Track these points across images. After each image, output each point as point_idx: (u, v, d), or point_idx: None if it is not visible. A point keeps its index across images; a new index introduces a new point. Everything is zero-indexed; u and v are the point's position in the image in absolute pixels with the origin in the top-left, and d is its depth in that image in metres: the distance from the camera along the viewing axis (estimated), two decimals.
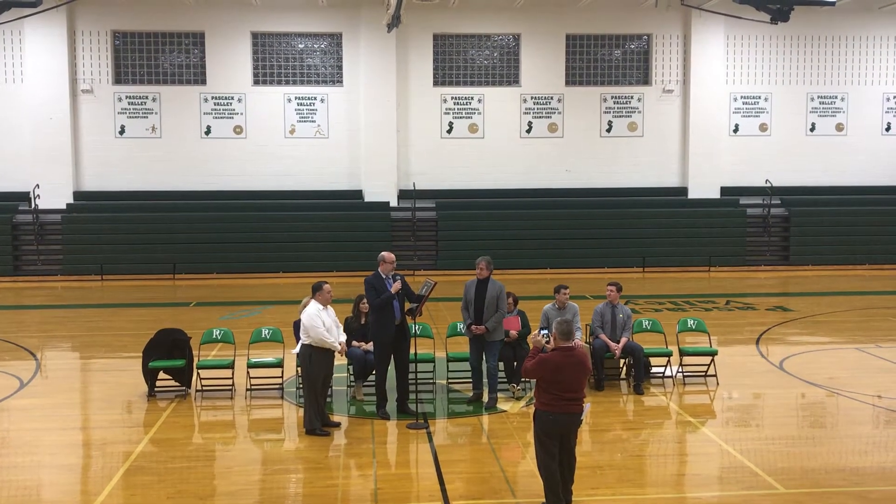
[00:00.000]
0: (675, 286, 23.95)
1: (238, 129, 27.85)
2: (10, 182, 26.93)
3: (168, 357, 12.16)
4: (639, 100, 28.86)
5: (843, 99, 29.42)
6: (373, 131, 27.74)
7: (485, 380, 11.59)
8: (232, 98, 27.77)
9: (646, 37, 28.89)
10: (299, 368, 10.99)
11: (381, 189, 27.81)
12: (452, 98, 28.41)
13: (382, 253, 11.06)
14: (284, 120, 27.95)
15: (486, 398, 11.52)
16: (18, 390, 12.62)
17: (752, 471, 9.00)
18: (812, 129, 29.46)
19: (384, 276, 10.88)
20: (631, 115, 28.88)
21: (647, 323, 13.47)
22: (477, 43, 28.62)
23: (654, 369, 12.90)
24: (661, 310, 19.31)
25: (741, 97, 29.13)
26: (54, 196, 26.69)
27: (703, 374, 12.78)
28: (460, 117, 28.49)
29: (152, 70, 27.70)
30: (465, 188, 28.22)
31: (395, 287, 10.74)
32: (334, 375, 10.92)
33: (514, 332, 11.87)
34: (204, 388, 12.11)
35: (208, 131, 27.78)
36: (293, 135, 27.99)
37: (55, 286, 25.26)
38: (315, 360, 10.21)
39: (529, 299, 14.55)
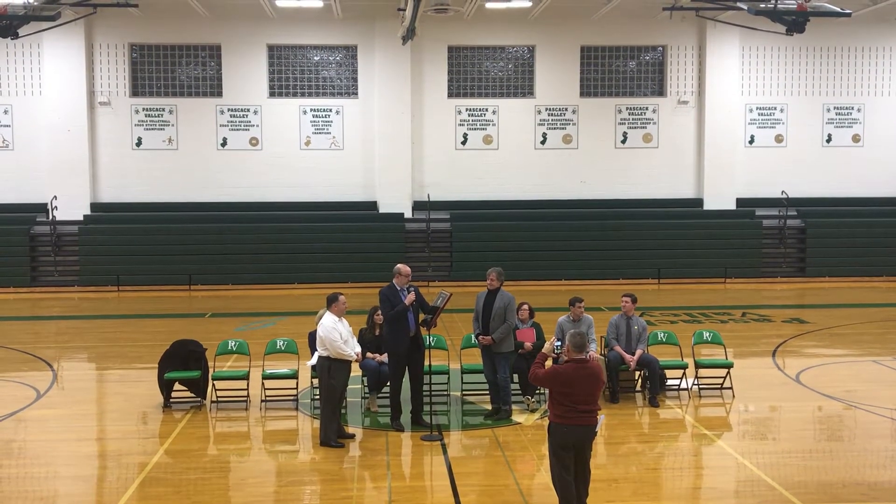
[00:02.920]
0: (690, 298, 23.86)
1: (254, 141, 27.98)
2: (28, 193, 27.12)
3: (184, 368, 12.20)
4: (654, 111, 28.82)
5: (859, 110, 29.28)
6: (387, 143, 27.81)
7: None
8: (248, 110, 27.91)
9: (660, 48, 28.87)
10: (316, 380, 11.00)
11: (395, 200, 27.85)
12: (467, 109, 28.45)
13: (398, 265, 11.08)
14: (300, 132, 28.06)
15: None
16: (35, 401, 12.69)
17: (768, 484, 8.95)
18: (828, 141, 29.32)
19: (399, 288, 10.90)
20: (646, 126, 28.84)
21: (662, 335, 13.42)
22: (491, 54, 28.67)
23: (669, 382, 12.85)
24: (676, 322, 19.24)
25: (756, 108, 29.04)
26: (71, 207, 26.85)
27: (719, 386, 12.72)
28: (475, 129, 28.52)
29: (169, 82, 27.89)
30: (480, 199, 28.22)
31: (409, 299, 10.75)
32: (349, 387, 10.93)
33: (528, 344, 11.87)
34: (219, 399, 12.15)
35: (224, 143, 27.93)
36: (308, 146, 28.09)
37: (72, 297, 25.40)
38: (334, 371, 10.24)
39: (544, 311, 14.52)
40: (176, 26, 27.38)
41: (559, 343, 7.98)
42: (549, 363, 8.11)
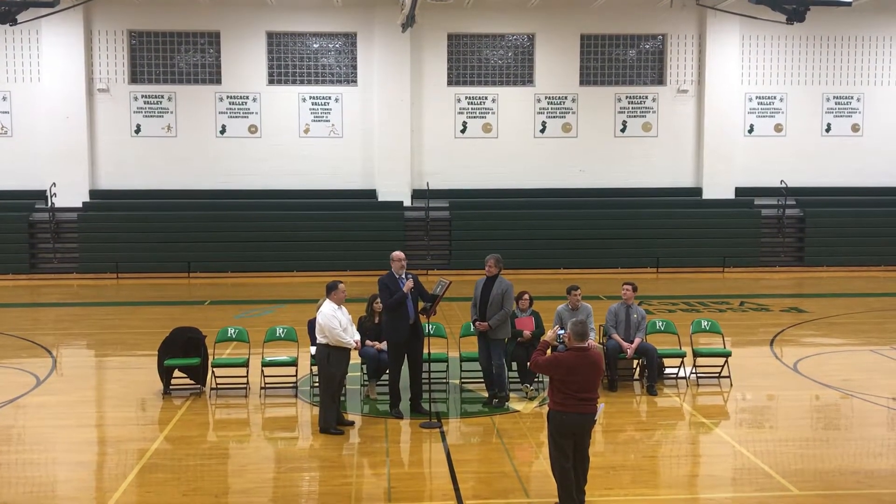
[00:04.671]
0: (688, 287, 23.88)
1: (253, 129, 27.95)
2: (27, 180, 27.10)
3: (183, 355, 12.22)
4: (653, 100, 28.79)
5: (858, 99, 29.26)
6: (387, 131, 27.79)
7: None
8: (247, 97, 27.87)
9: (660, 37, 28.81)
10: (315, 368, 11.02)
11: (394, 188, 27.84)
12: (466, 98, 28.42)
13: (392, 253, 11.10)
14: (299, 119, 28.03)
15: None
16: (35, 387, 12.72)
17: (765, 472, 8.99)
18: (827, 130, 29.31)
19: (398, 276, 10.92)
20: (645, 115, 28.81)
21: (660, 324, 13.45)
22: (491, 43, 28.61)
23: (667, 370, 12.88)
24: (674, 310, 19.27)
25: (756, 97, 29.02)
26: (70, 194, 26.83)
27: (717, 375, 12.75)
28: (474, 117, 28.49)
29: (168, 69, 27.83)
30: (479, 188, 28.21)
31: (407, 286, 10.77)
32: (348, 374, 10.96)
33: (527, 333, 11.89)
34: (219, 386, 12.17)
35: (223, 130, 27.90)
36: (307, 134, 28.06)
37: (71, 284, 25.41)
38: (333, 359, 10.26)
39: (542, 299, 14.54)
40: (175, 13, 27.32)
41: (562, 331, 8.00)
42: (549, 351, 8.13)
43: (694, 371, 12.77)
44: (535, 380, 12.07)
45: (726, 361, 12.73)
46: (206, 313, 19.79)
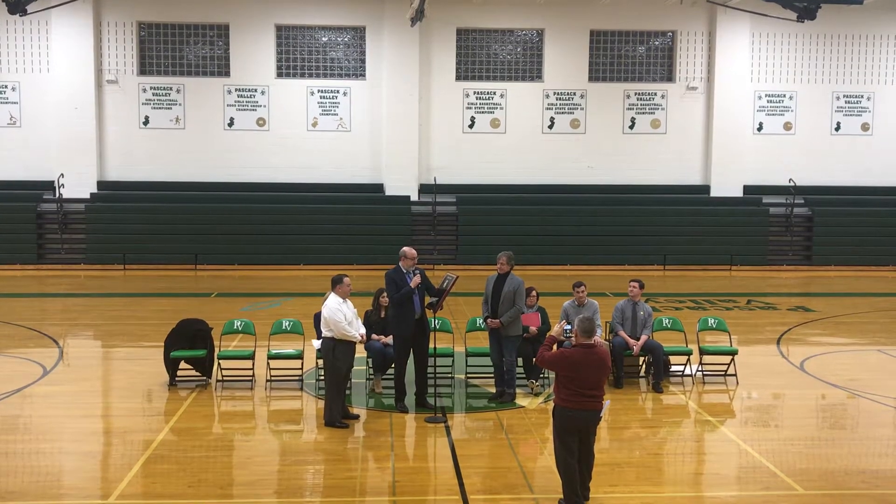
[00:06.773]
0: (696, 285, 23.84)
1: (261, 122, 27.96)
2: (36, 171, 27.18)
3: (190, 347, 12.24)
4: (662, 97, 28.72)
5: (868, 98, 29.15)
6: (395, 125, 27.77)
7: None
8: (255, 90, 27.87)
9: (670, 33, 28.73)
10: (321, 361, 11.02)
11: (402, 183, 27.84)
12: (475, 93, 28.38)
13: (404, 248, 11.09)
14: (307, 113, 28.04)
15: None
16: (41, 377, 12.75)
17: (770, 471, 8.97)
18: (837, 129, 29.21)
19: (405, 271, 10.91)
20: (654, 111, 28.75)
21: (667, 321, 13.42)
22: (500, 38, 28.56)
23: (673, 368, 12.86)
24: (681, 308, 19.23)
25: (766, 95, 28.92)
26: (79, 185, 26.91)
27: (723, 373, 12.72)
28: (482, 112, 28.46)
29: (177, 61, 27.86)
30: (486, 183, 28.20)
31: (414, 282, 10.77)
32: (354, 368, 10.96)
33: (533, 328, 11.87)
34: (224, 378, 12.19)
35: (231, 123, 27.92)
36: (315, 128, 28.07)
37: (78, 275, 25.48)
38: (338, 352, 10.26)
39: (549, 296, 14.53)
40: (184, 5, 27.36)
41: (569, 327, 7.97)
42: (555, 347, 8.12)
43: (700, 369, 12.75)
44: (541, 375, 12.07)
45: (733, 359, 12.71)
46: (212, 305, 19.82)
